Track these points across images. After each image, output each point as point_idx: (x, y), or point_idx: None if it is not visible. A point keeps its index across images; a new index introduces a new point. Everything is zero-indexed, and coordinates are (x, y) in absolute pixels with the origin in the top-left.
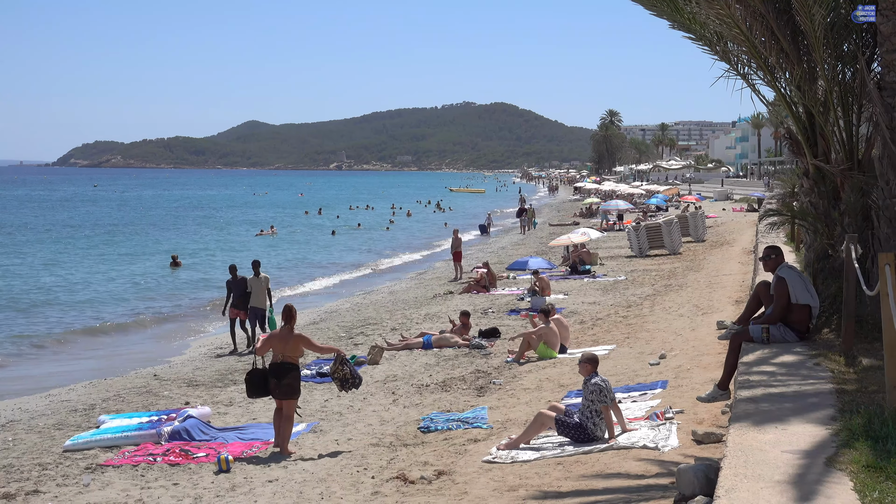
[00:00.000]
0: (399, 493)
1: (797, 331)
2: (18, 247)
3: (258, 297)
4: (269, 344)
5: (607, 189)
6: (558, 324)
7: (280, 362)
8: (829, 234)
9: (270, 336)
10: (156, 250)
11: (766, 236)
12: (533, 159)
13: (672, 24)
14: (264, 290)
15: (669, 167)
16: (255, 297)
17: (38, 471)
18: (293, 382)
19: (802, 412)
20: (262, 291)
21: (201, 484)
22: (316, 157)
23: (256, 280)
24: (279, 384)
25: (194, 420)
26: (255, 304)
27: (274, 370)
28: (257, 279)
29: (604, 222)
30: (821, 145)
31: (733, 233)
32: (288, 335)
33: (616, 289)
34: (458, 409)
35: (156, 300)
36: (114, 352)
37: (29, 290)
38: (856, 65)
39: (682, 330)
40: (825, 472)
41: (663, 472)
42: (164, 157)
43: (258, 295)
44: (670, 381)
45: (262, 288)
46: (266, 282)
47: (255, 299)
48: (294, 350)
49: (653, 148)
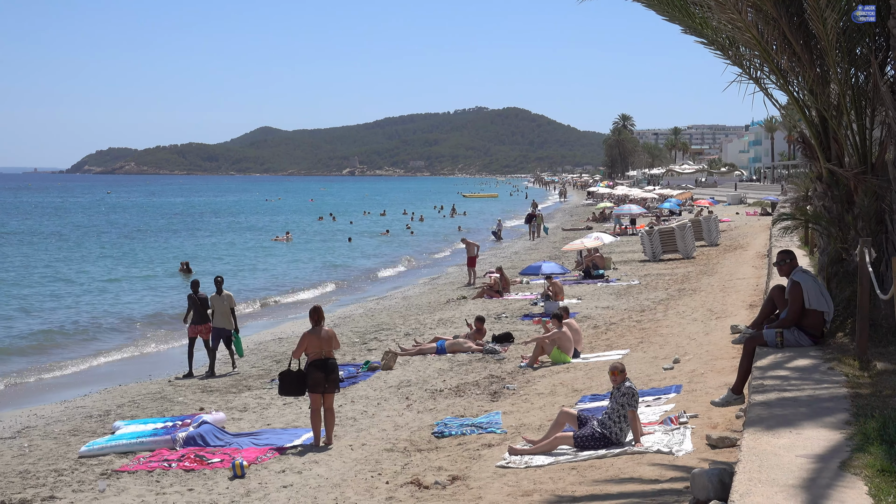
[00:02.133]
0: (413, 498)
1: (811, 335)
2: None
3: (222, 317)
4: (305, 344)
5: (620, 193)
6: (571, 328)
7: (325, 358)
8: (843, 238)
9: (305, 337)
10: (169, 257)
11: (779, 240)
12: (545, 164)
13: (684, 29)
14: (228, 310)
15: (682, 171)
16: (218, 316)
17: (54, 477)
18: (338, 377)
19: (817, 416)
20: (226, 311)
21: (216, 489)
22: (329, 163)
23: (219, 298)
24: (327, 378)
25: (209, 426)
26: (219, 325)
27: (320, 366)
28: (220, 298)
29: (617, 227)
30: (834, 149)
31: (747, 237)
32: (323, 333)
33: (629, 293)
34: (471, 414)
35: (168, 306)
36: (128, 358)
37: (43, 297)
38: (869, 68)
39: (696, 334)
40: (839, 477)
41: (678, 477)
42: (177, 163)
43: (222, 314)
44: (684, 386)
45: (226, 307)
46: (230, 300)
47: (219, 319)
48: (336, 345)
49: (666, 152)
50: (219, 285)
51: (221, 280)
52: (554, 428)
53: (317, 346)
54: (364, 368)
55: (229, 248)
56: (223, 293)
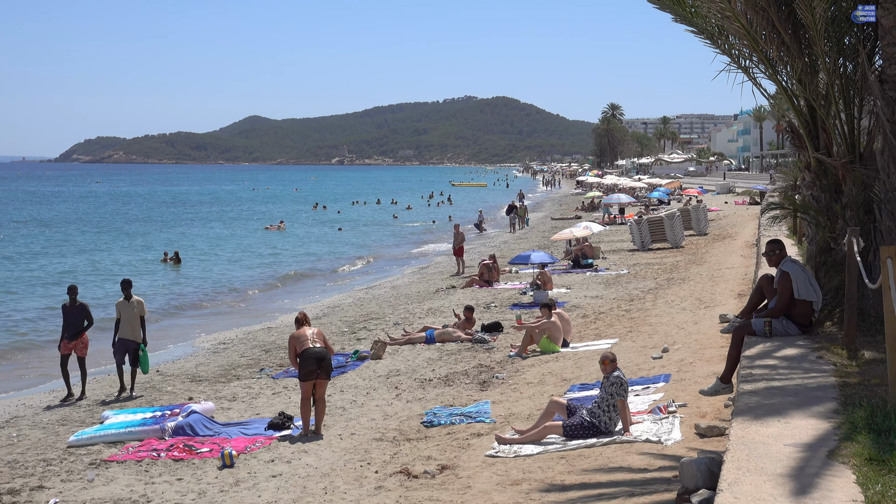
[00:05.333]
0: (402, 487)
1: (800, 324)
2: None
3: (129, 327)
4: (294, 344)
5: (609, 183)
6: (561, 318)
7: (319, 347)
8: (832, 228)
9: (292, 339)
10: (157, 245)
11: (768, 230)
12: (535, 153)
13: (675, 18)
14: (137, 318)
15: (671, 160)
16: (125, 325)
17: (43, 466)
18: (330, 363)
19: (805, 406)
20: (135, 319)
21: (205, 479)
22: (318, 152)
23: (127, 305)
24: (319, 365)
25: (198, 415)
26: (125, 336)
27: (314, 354)
28: (128, 304)
29: (606, 216)
30: (822, 139)
31: (735, 226)
32: (310, 331)
33: (618, 282)
34: (461, 404)
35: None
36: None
37: (34, 282)
38: (857, 58)
39: (685, 323)
40: (827, 466)
41: (666, 466)
42: (165, 152)
43: (129, 323)
44: (673, 375)
45: (135, 315)
46: (140, 307)
47: (126, 329)
48: (328, 348)
49: (655, 141)
50: (127, 289)
51: (130, 283)
52: (543, 417)
53: (305, 340)
54: (353, 358)
55: (229, 239)
56: (132, 298)
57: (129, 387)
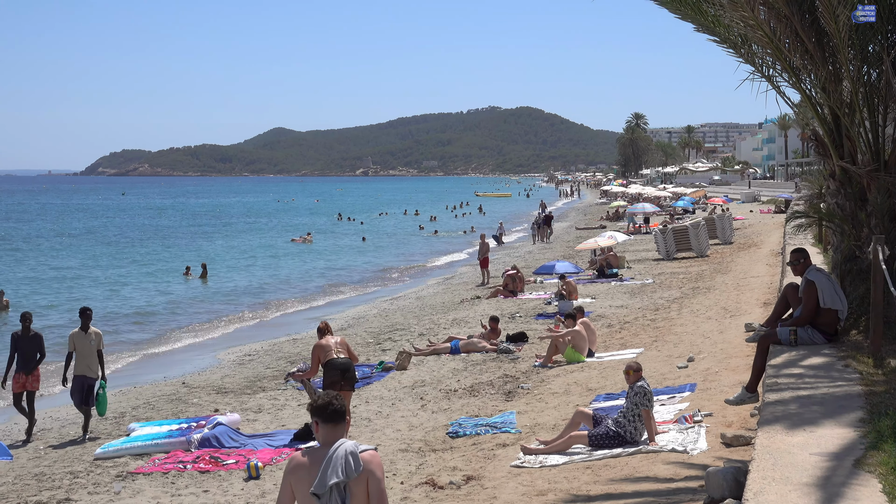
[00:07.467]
0: (428, 498)
1: (825, 333)
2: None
3: (85, 362)
4: (318, 354)
5: (634, 192)
6: (586, 327)
7: (343, 358)
8: (857, 236)
9: (316, 348)
10: (185, 260)
11: (793, 238)
12: (559, 163)
13: (697, 28)
14: (95, 353)
15: (696, 169)
16: (80, 360)
17: (70, 479)
18: (354, 374)
19: (831, 414)
20: (92, 354)
21: (231, 491)
22: (342, 164)
23: (83, 337)
24: (343, 376)
25: (224, 427)
26: (80, 372)
27: (336, 364)
28: (85, 336)
29: (630, 225)
30: (847, 147)
31: (761, 234)
32: (333, 340)
33: (643, 292)
34: (486, 414)
35: (183, 308)
36: (143, 359)
37: (60, 301)
38: (881, 66)
39: (710, 333)
40: (853, 475)
41: (692, 476)
42: (190, 164)
43: (85, 358)
44: (699, 384)
45: (93, 349)
46: (98, 340)
47: (81, 364)
48: (352, 356)
49: (679, 150)
50: (86, 319)
51: (89, 312)
52: (569, 427)
53: (329, 350)
54: (378, 369)
55: (255, 250)
56: (90, 330)
57: (84, 431)
